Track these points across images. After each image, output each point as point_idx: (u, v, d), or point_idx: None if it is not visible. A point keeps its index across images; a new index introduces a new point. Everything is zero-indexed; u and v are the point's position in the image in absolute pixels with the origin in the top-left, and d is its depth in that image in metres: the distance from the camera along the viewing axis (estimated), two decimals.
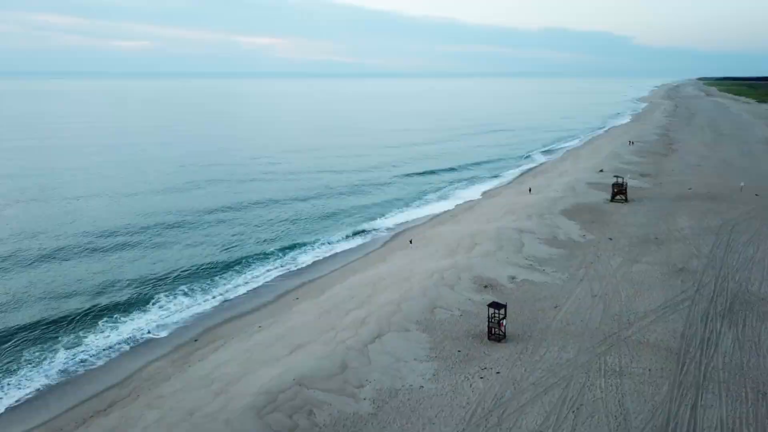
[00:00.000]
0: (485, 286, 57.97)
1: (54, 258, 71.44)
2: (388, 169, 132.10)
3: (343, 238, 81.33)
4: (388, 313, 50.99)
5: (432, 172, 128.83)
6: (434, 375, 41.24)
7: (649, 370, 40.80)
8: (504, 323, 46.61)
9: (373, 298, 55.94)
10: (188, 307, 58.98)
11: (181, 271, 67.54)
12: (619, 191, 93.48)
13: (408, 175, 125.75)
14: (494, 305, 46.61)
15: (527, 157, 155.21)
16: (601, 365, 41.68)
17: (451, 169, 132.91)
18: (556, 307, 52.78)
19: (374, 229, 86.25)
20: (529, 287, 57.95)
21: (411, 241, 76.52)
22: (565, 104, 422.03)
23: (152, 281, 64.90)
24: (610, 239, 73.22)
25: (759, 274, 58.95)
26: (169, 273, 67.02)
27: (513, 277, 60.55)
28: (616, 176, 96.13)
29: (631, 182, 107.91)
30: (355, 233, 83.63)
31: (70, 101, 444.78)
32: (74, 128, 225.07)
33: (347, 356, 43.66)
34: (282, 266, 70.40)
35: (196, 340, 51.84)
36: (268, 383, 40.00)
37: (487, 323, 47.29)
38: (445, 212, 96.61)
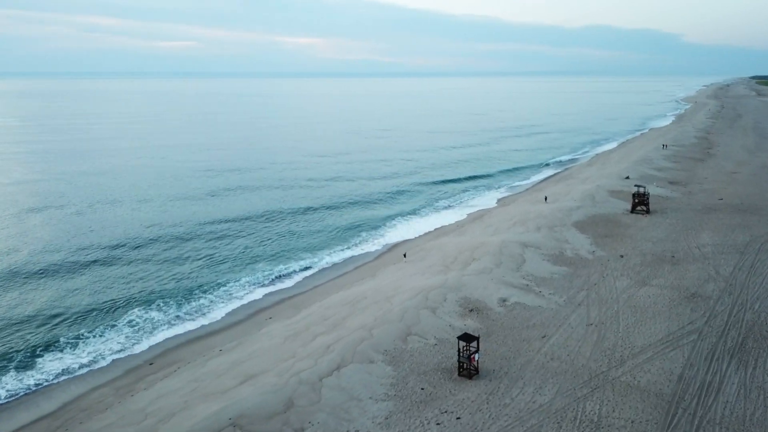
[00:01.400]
0: (471, 310, 53.01)
1: (36, 271, 69.39)
2: (408, 175, 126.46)
3: (341, 251, 77.10)
4: (357, 340, 46.58)
5: (452, 181, 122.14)
6: (386, 419, 36.70)
7: (632, 422, 35.37)
8: (476, 358, 41.70)
9: (347, 321, 51.64)
10: (158, 326, 55.82)
11: (164, 286, 64.48)
12: (640, 202, 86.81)
13: (426, 183, 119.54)
14: (465, 338, 41.74)
15: (554, 161, 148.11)
16: (577, 413, 36.43)
17: (473, 177, 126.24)
18: (543, 337, 47.51)
19: (376, 240, 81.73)
20: (519, 312, 52.74)
21: (405, 255, 71.92)
22: (606, 104, 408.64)
23: (132, 295, 62.08)
24: (621, 257, 67.17)
25: None
26: (149, 287, 64.05)
27: (504, 300, 55.39)
28: (638, 185, 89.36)
29: (656, 191, 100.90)
30: (355, 245, 79.27)
31: (109, 101, 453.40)
32: (98, 128, 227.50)
33: (297, 391, 39.46)
34: (271, 281, 66.56)
35: (151, 364, 48.51)
36: (201, 422, 36.12)
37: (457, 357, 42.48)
38: (454, 222, 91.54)
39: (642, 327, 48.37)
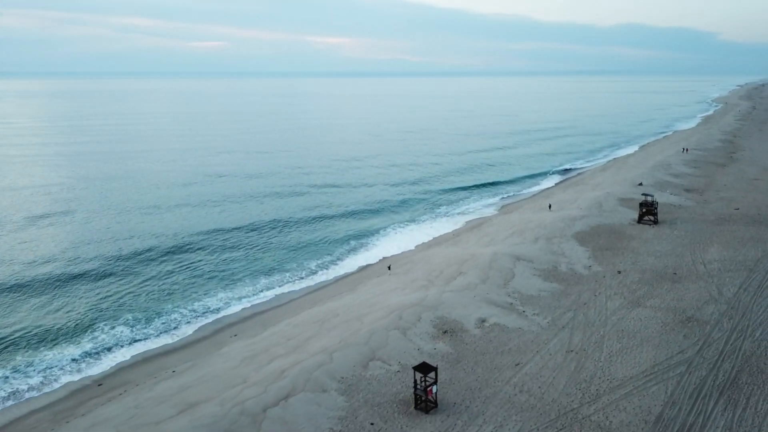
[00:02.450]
0: (445, 332, 49.36)
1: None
2: (416, 182, 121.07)
3: (329, 262, 73.68)
4: (314, 365, 43.33)
5: (460, 188, 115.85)
6: None
7: None
8: (434, 390, 38.13)
9: (310, 342, 48.44)
10: (122, 342, 53.34)
11: (136, 300, 61.97)
12: (647, 211, 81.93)
13: (432, 190, 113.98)
14: (422, 368, 38.19)
15: (569, 166, 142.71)
16: None
17: (481, 183, 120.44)
18: (517, 365, 43.68)
19: (366, 251, 78.41)
20: (496, 335, 48.93)
21: (390, 267, 68.44)
22: (637, 105, 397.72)
23: (101, 310, 59.70)
24: (619, 272, 62.75)
25: None
26: (122, 301, 61.53)
27: (482, 320, 51.61)
28: (645, 194, 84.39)
29: (670, 199, 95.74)
30: (344, 256, 75.85)
31: (139, 101, 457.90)
32: (124, 129, 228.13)
33: (236, 424, 36.39)
34: (248, 296, 63.38)
35: (100, 385, 46.00)
36: None
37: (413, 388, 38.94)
38: (451, 231, 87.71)
39: (626, 356, 44.18)
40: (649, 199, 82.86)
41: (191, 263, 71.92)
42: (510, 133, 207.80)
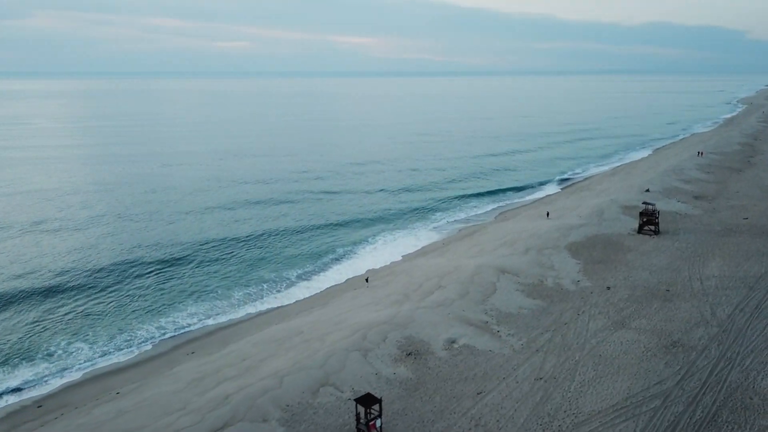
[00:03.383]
0: (408, 354, 46.20)
1: None
2: (418, 189, 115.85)
3: (308, 274, 70.56)
4: (260, 391, 40.50)
5: (464, 195, 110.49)
6: None
7: None
8: (377, 424, 35.04)
9: (264, 364, 45.64)
10: (76, 360, 51.05)
11: (102, 314, 59.64)
12: (648, 221, 77.67)
13: (434, 198, 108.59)
14: (365, 400, 35.13)
15: (576, 171, 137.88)
16: None
17: (484, 193, 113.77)
18: (479, 393, 40.37)
19: (351, 261, 75.26)
20: (464, 358, 45.63)
21: (367, 280, 65.35)
22: (661, 105, 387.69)
23: (62, 324, 57.62)
24: (608, 288, 58.92)
25: None
26: (85, 315, 59.26)
27: (452, 341, 48.31)
28: (646, 203, 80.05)
29: (676, 206, 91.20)
30: (327, 268, 72.67)
31: (163, 101, 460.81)
32: (133, 132, 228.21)
33: None
34: (218, 310, 60.43)
35: (39, 406, 43.71)
36: None
37: (355, 422, 35.89)
38: (441, 240, 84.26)
39: (599, 385, 40.56)
40: (650, 207, 78.53)
41: (167, 276, 69.28)
42: (527, 136, 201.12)
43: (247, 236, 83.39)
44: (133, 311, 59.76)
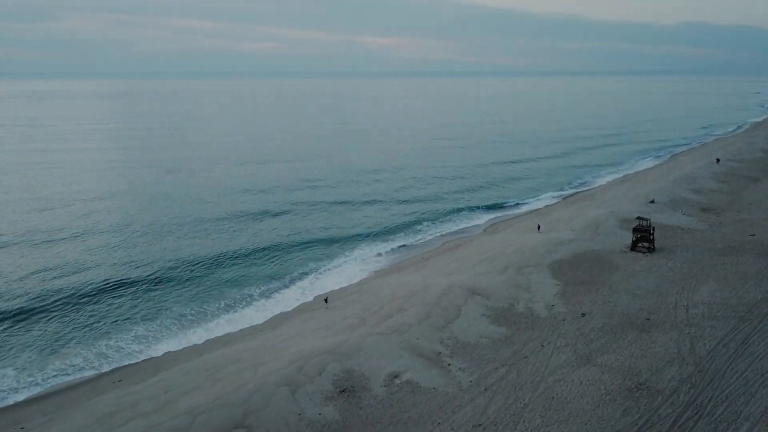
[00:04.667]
0: (342, 391, 42.01)
1: None
2: (418, 199, 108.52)
3: (270, 292, 66.36)
4: None
5: (462, 207, 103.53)
6: None
7: None
8: None
9: (185, 398, 41.89)
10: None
11: (44, 338, 56.20)
12: (642, 237, 72.06)
13: (430, 209, 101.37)
14: None
15: (588, 178, 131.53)
16: None
17: (485, 202, 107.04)
18: None
19: (321, 279, 70.90)
20: (403, 396, 41.28)
21: (327, 300, 61.22)
22: (694, 108, 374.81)
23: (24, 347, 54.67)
24: (583, 315, 53.88)
25: (759, 407, 38.09)
26: (26, 340, 55.71)
27: (395, 376, 43.97)
28: (640, 218, 74.35)
29: (680, 220, 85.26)
30: (291, 284, 68.50)
31: (193, 102, 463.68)
32: (150, 135, 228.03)
33: None
34: (167, 334, 56.39)
35: None
36: None
37: None
38: (422, 253, 79.65)
39: None
40: (644, 223, 72.85)
41: (119, 295, 63.93)
42: (547, 141, 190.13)
43: (219, 252, 77.20)
44: (72, 334, 56.23)
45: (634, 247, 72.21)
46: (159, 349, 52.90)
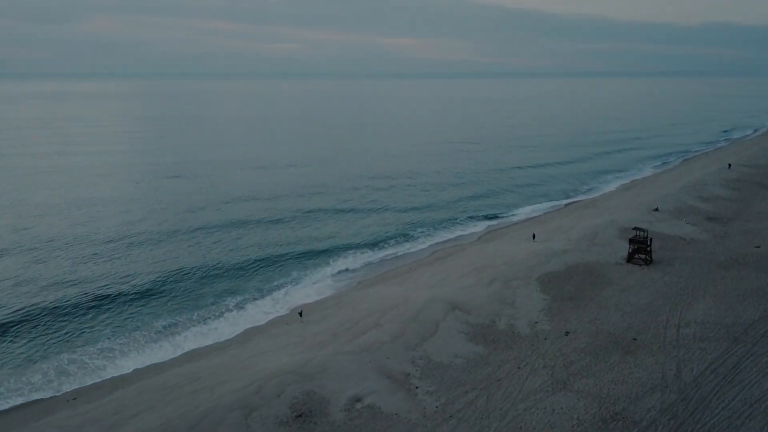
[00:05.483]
0: (299, 416, 39.65)
1: None
2: (423, 208, 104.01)
3: (244, 302, 64.14)
4: None
5: (461, 214, 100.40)
6: None
7: None
8: None
9: (134, 420, 39.87)
10: None
11: (16, 352, 54.76)
12: (638, 249, 68.78)
13: (430, 217, 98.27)
14: None
15: (593, 184, 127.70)
16: None
17: (485, 211, 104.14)
18: None
19: (302, 288, 68.65)
20: (362, 423, 38.82)
21: (301, 314, 58.90)
22: (718, 110, 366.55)
23: None
24: (567, 334, 50.98)
25: None
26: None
27: (357, 400, 41.50)
28: (637, 228, 71.00)
29: (684, 230, 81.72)
30: (268, 294, 66.25)
31: (213, 103, 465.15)
32: (165, 137, 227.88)
33: None
34: (131, 346, 54.56)
35: None
36: None
37: None
38: (410, 263, 77.03)
39: None
40: (641, 234, 69.53)
41: (95, 306, 62.08)
42: (561, 146, 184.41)
43: (200, 262, 74.63)
44: (35, 349, 54.15)
45: (630, 259, 68.97)
46: (122, 365, 51.00)
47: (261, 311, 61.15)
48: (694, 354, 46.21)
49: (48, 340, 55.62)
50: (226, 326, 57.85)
